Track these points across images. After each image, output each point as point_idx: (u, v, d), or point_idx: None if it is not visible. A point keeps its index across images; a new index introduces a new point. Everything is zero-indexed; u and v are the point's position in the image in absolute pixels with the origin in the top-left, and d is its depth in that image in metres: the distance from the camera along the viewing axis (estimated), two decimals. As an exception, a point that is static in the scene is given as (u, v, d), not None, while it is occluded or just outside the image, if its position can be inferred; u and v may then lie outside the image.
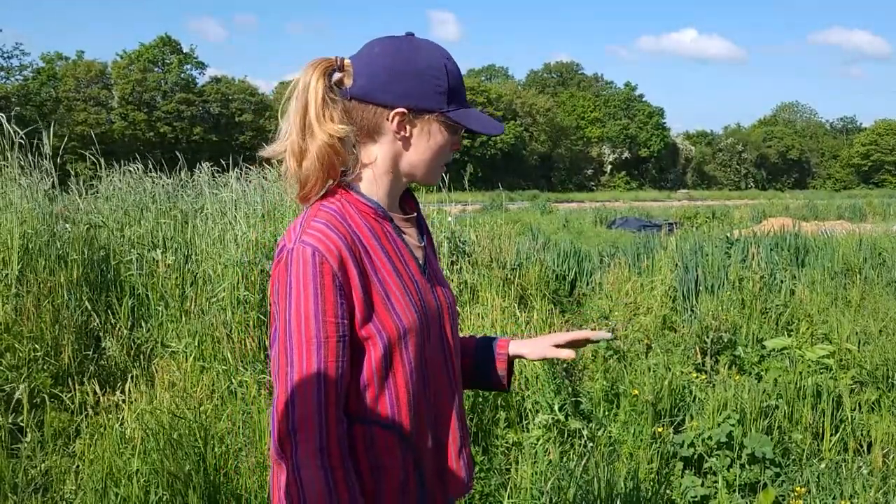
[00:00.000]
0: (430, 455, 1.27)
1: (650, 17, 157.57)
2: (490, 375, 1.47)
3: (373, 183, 1.25)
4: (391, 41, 1.24)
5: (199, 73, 57.42)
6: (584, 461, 3.12)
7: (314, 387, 1.11)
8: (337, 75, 1.23)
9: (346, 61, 1.24)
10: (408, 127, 1.22)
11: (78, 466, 3.01)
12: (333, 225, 1.17)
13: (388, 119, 1.21)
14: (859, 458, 3.46)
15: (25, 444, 3.15)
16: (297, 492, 1.10)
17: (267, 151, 1.26)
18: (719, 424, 3.37)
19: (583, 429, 3.50)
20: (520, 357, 1.47)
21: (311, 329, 1.12)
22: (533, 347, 1.45)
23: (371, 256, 1.20)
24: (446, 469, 1.31)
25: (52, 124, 5.20)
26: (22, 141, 4.79)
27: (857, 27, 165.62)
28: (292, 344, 1.12)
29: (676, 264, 6.88)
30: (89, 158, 6.00)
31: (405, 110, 1.21)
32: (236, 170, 6.22)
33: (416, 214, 1.34)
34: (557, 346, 1.43)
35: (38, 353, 3.78)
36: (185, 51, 53.99)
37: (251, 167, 6.84)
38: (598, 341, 1.44)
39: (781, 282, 6.36)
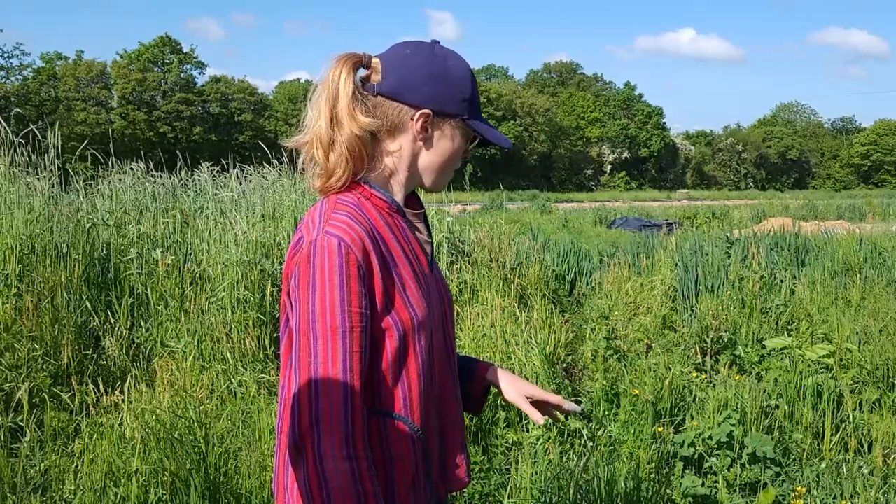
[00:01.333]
0: (435, 448, 1.29)
1: (647, 17, 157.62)
2: (465, 396, 1.48)
3: (388, 178, 1.28)
4: (423, 45, 1.28)
5: (199, 73, 57.49)
6: (584, 461, 3.12)
7: (340, 377, 1.11)
8: (363, 71, 1.26)
9: (375, 59, 1.27)
10: (429, 129, 1.26)
11: (77, 466, 3.01)
12: (355, 217, 1.19)
13: (412, 118, 1.24)
14: (860, 457, 3.46)
15: (25, 444, 3.14)
16: (319, 485, 1.08)
17: (291, 142, 1.28)
18: (719, 424, 3.36)
19: (583, 428, 3.49)
20: (494, 386, 1.48)
21: (336, 319, 1.11)
22: (510, 385, 1.46)
23: (389, 249, 1.22)
24: (448, 462, 1.32)
25: (58, 124, 5.20)
26: (21, 140, 4.79)
27: (857, 27, 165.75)
28: (316, 334, 1.12)
29: (676, 264, 6.88)
30: (90, 158, 6.00)
31: (430, 112, 1.24)
32: (236, 170, 6.21)
33: (423, 211, 1.38)
34: (531, 398, 1.45)
35: (38, 353, 3.78)
36: (184, 51, 54.04)
37: (250, 167, 6.85)
38: (567, 412, 1.45)
39: (781, 281, 6.36)
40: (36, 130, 4.82)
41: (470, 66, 1.30)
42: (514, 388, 1.46)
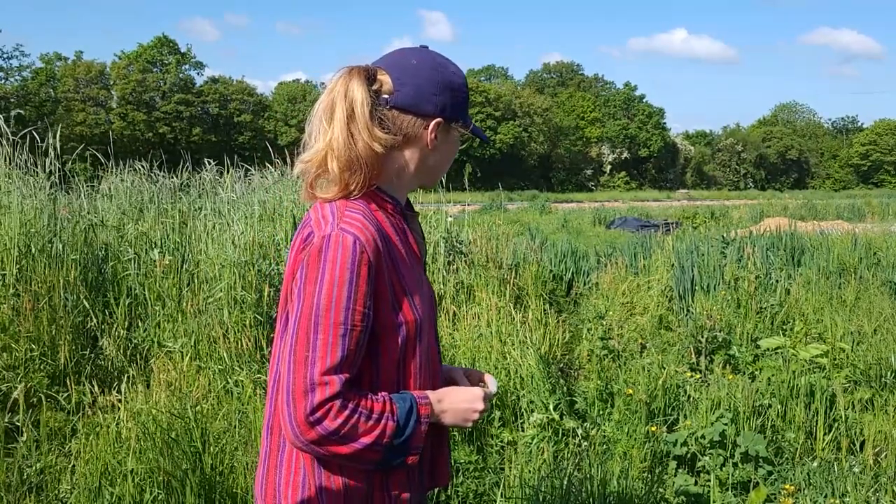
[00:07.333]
0: (427, 442, 1.30)
1: (639, 18, 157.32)
2: None
3: (397, 183, 1.31)
4: (422, 53, 1.30)
5: (198, 74, 57.45)
6: (577, 460, 3.14)
7: (336, 373, 1.12)
8: (372, 84, 1.26)
9: (380, 70, 1.28)
10: (439, 135, 1.30)
11: (73, 466, 3.02)
12: (368, 217, 1.21)
13: (425, 128, 1.28)
14: (852, 457, 3.48)
15: (21, 444, 3.16)
16: (344, 446, 1.12)
17: (300, 165, 1.27)
18: (712, 423, 3.38)
19: (577, 428, 3.51)
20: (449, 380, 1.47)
21: (340, 315, 1.12)
22: (458, 374, 1.45)
23: (395, 250, 1.24)
24: (437, 457, 1.35)
25: (57, 125, 5.22)
26: (19, 141, 4.81)
27: (847, 27, 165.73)
28: (318, 328, 1.12)
29: (673, 264, 6.90)
30: (89, 158, 6.02)
31: (442, 120, 1.28)
32: (233, 171, 6.24)
33: (417, 212, 1.41)
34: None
35: (35, 353, 3.80)
36: (182, 51, 54.02)
37: (250, 168, 6.88)
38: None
39: (777, 281, 6.38)
40: (35, 132, 4.84)
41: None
42: (456, 373, 1.44)
